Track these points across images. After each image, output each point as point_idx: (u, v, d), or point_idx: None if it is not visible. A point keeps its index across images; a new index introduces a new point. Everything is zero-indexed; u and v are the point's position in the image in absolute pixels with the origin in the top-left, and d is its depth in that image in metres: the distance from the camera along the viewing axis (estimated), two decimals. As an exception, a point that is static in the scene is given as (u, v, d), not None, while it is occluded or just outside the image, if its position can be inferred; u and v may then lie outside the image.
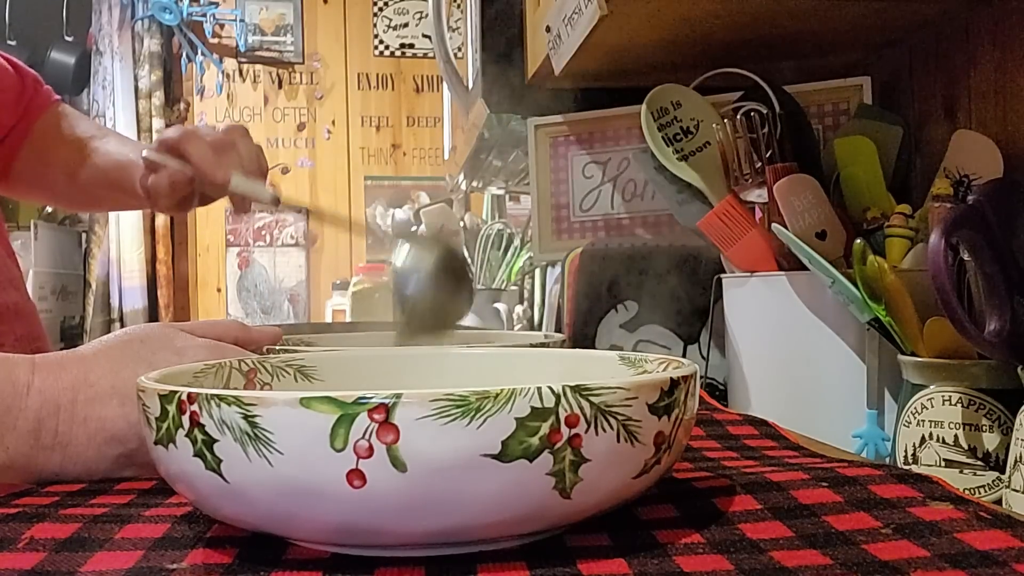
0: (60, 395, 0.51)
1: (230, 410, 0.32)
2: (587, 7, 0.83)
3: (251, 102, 3.47)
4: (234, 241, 3.44)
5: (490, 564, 0.34)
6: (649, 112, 0.87)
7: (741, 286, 0.83)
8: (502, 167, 1.65)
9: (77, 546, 0.38)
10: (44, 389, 0.51)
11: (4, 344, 0.87)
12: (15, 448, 0.50)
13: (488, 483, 0.32)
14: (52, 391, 0.51)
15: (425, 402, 0.31)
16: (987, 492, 0.58)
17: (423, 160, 3.55)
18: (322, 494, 0.32)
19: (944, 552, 0.35)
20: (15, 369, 0.52)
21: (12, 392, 0.51)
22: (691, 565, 0.34)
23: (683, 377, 0.37)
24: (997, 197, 0.56)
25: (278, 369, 0.52)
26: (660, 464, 0.36)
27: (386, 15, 3.55)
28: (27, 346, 0.91)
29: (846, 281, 0.68)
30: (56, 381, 0.52)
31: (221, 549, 0.37)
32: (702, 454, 0.55)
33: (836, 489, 0.42)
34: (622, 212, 1.10)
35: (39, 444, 0.50)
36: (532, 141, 1.14)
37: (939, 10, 0.87)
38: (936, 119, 0.92)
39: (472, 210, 2.34)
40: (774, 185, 0.76)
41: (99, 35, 3.26)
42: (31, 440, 0.50)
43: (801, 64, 1.01)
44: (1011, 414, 0.58)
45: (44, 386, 0.51)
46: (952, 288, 0.52)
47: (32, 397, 0.51)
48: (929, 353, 0.62)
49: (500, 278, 1.87)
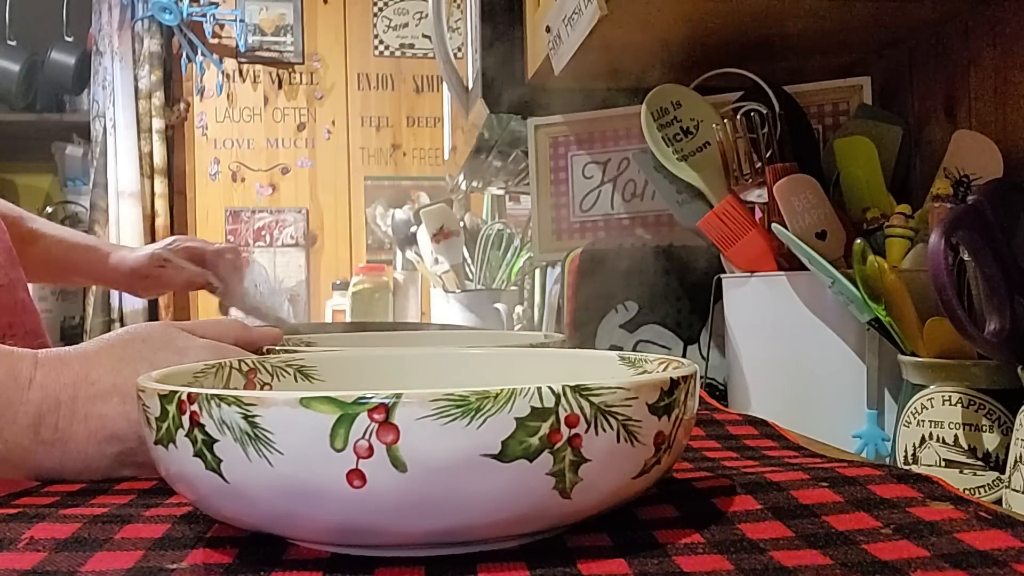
0: (61, 391, 0.52)
1: (230, 410, 0.32)
2: (587, 7, 0.83)
3: (251, 102, 3.47)
4: (234, 241, 3.44)
5: (490, 564, 0.34)
6: (649, 112, 0.87)
7: (741, 286, 0.83)
8: (502, 167, 1.65)
9: (77, 546, 0.38)
10: (46, 384, 0.51)
11: (16, 336, 0.88)
12: (14, 441, 0.50)
13: (488, 483, 0.32)
14: (53, 387, 0.51)
15: (425, 402, 0.31)
16: (987, 492, 0.58)
17: (423, 160, 3.55)
18: (322, 494, 0.32)
19: (944, 552, 0.35)
20: (18, 363, 0.52)
21: (14, 386, 0.51)
22: (691, 565, 0.34)
23: (683, 377, 0.37)
24: (997, 197, 0.56)
25: (278, 369, 0.52)
26: (660, 464, 0.36)
27: (386, 15, 3.55)
28: (32, 341, 0.92)
29: (846, 281, 0.68)
30: (58, 377, 0.52)
31: (221, 549, 0.37)
32: (702, 454, 0.55)
33: (836, 489, 0.42)
34: (622, 212, 1.10)
35: (38, 439, 0.51)
36: (532, 141, 1.14)
37: (939, 10, 0.87)
38: (936, 119, 0.92)
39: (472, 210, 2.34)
40: (774, 185, 0.76)
41: (99, 35, 3.25)
42: (30, 434, 0.50)
43: (801, 64, 1.01)
44: (1011, 414, 0.58)
45: (46, 381, 0.52)
46: (952, 288, 0.52)
47: (33, 391, 0.51)
48: (929, 353, 0.62)
49: (500, 278, 1.87)
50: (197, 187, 3.41)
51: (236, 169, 3.44)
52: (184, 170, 3.40)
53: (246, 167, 3.44)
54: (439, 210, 1.87)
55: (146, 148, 3.24)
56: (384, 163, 3.54)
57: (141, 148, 3.23)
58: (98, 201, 3.23)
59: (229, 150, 3.44)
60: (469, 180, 1.87)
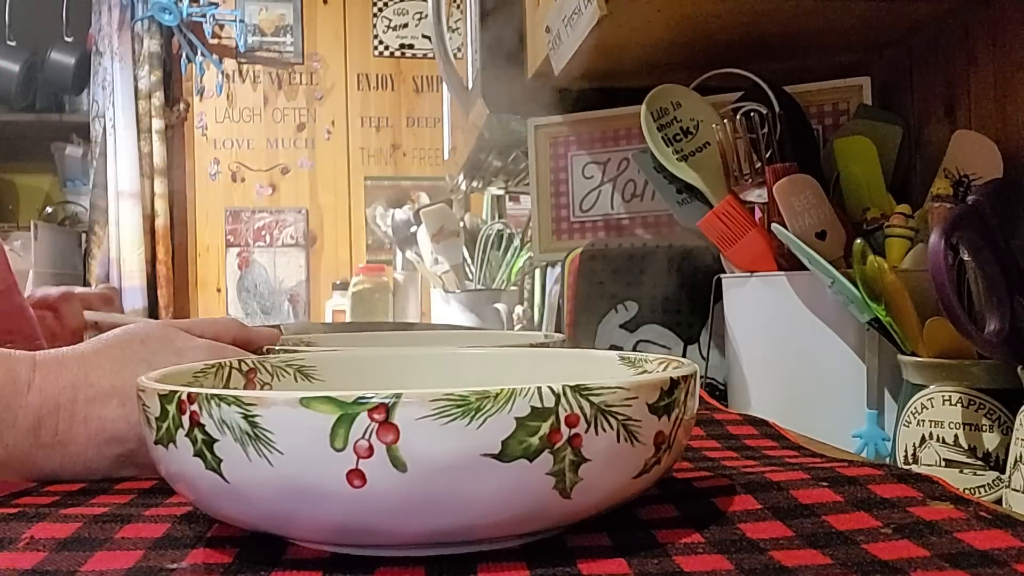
0: (60, 394, 0.51)
1: (230, 410, 0.32)
2: (587, 7, 0.83)
3: (251, 102, 3.47)
4: (234, 241, 3.44)
5: (490, 564, 0.34)
6: (649, 112, 0.86)
7: (741, 286, 0.83)
8: (502, 167, 1.65)
9: (77, 546, 0.38)
10: (44, 387, 0.51)
11: (15, 342, 0.88)
12: (14, 445, 0.50)
13: (488, 483, 0.32)
14: (52, 389, 0.51)
15: (425, 402, 0.31)
16: (987, 492, 0.58)
17: (423, 160, 3.55)
18: (322, 494, 0.32)
19: (944, 552, 0.35)
20: (17, 366, 0.52)
21: (13, 389, 0.50)
22: (691, 565, 0.34)
23: (683, 377, 0.36)
24: (997, 197, 0.56)
25: (278, 369, 0.52)
26: (660, 464, 0.36)
27: (386, 15, 3.55)
28: (30, 344, 0.92)
29: (846, 281, 0.68)
30: (56, 380, 0.52)
31: (221, 549, 0.37)
32: (702, 454, 0.55)
33: (836, 489, 0.42)
34: (622, 212, 1.10)
35: (38, 442, 0.50)
36: (532, 141, 1.14)
37: (939, 10, 0.87)
38: (936, 119, 0.92)
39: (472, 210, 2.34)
40: (774, 185, 0.76)
41: (99, 35, 3.25)
42: (31, 438, 0.50)
43: (801, 64, 1.01)
44: (1011, 414, 0.58)
45: (45, 384, 0.51)
46: (952, 288, 0.52)
47: (32, 395, 0.51)
48: (929, 353, 0.62)
49: (500, 278, 1.87)
50: (197, 187, 3.41)
51: (236, 169, 3.44)
52: (184, 170, 3.40)
53: (246, 167, 3.44)
54: (439, 210, 1.88)
55: (146, 148, 3.24)
56: (384, 163, 3.54)
57: (141, 148, 3.23)
58: (98, 201, 3.23)
59: (229, 150, 3.44)
60: (469, 180, 1.87)
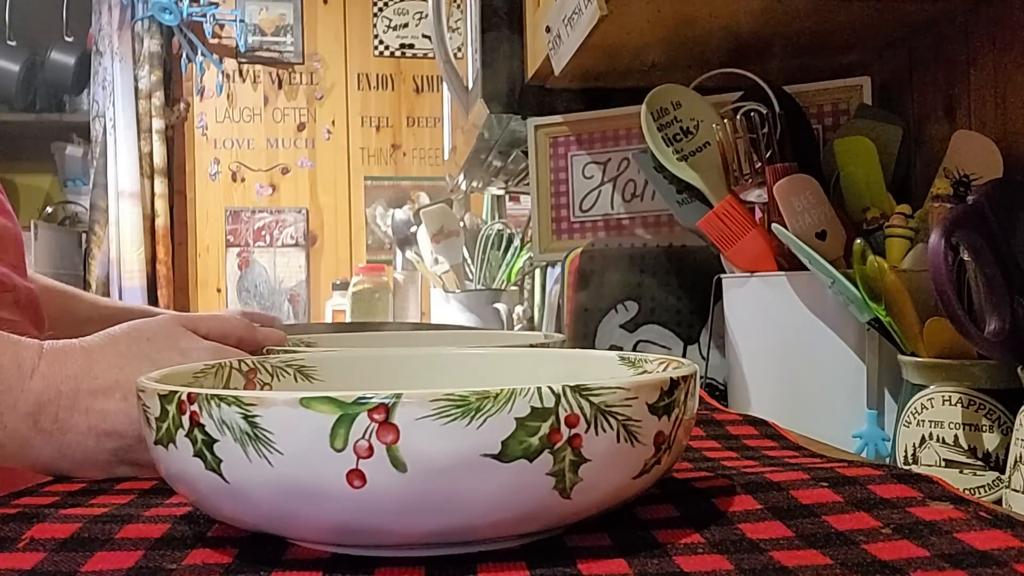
0: (63, 382, 0.52)
1: (230, 410, 0.32)
2: (587, 7, 0.83)
3: (251, 102, 3.47)
4: (234, 241, 3.44)
5: (490, 564, 0.34)
6: (649, 112, 0.86)
7: (741, 286, 0.83)
8: (502, 167, 1.65)
9: (77, 546, 0.38)
10: (48, 374, 0.52)
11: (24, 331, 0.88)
12: (12, 427, 0.51)
13: (488, 483, 0.32)
14: (55, 377, 0.52)
15: (425, 402, 0.31)
16: (987, 492, 0.58)
17: (423, 160, 3.55)
18: (322, 494, 0.32)
19: (944, 552, 0.35)
20: (23, 351, 0.53)
21: (16, 373, 0.52)
22: (691, 565, 0.34)
23: (683, 377, 0.36)
24: (997, 197, 0.56)
25: (278, 369, 0.52)
26: (660, 464, 0.36)
27: (386, 15, 3.55)
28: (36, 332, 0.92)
29: (846, 281, 0.68)
30: (61, 368, 0.53)
31: (221, 549, 0.37)
32: (702, 454, 0.55)
33: (836, 489, 0.42)
34: (622, 212, 1.10)
35: (37, 427, 0.51)
36: (532, 141, 1.14)
37: (939, 10, 0.87)
38: (936, 119, 0.92)
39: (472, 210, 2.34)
40: (774, 185, 0.76)
41: (99, 35, 3.25)
42: (30, 422, 0.51)
43: (801, 64, 1.01)
44: (1011, 414, 0.58)
45: (48, 371, 0.52)
46: (952, 288, 0.52)
47: (35, 380, 0.52)
48: (929, 353, 0.62)
49: (500, 278, 1.87)
50: (197, 187, 3.41)
51: (236, 169, 3.44)
52: (184, 170, 3.40)
53: (246, 167, 3.44)
54: (439, 210, 1.87)
55: (146, 148, 3.24)
56: (384, 163, 3.54)
57: (141, 148, 3.23)
58: (98, 201, 3.23)
59: (229, 150, 3.44)
60: (469, 180, 1.87)
